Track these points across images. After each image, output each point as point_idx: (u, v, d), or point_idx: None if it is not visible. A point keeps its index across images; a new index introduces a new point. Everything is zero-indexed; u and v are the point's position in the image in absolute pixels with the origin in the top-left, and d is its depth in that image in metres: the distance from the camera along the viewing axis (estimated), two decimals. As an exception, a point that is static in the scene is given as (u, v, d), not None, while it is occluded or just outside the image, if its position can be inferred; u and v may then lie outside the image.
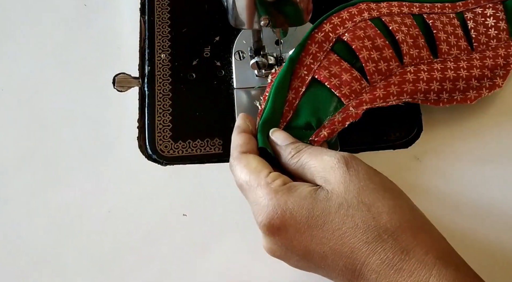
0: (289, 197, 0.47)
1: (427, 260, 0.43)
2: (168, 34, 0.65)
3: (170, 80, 0.63)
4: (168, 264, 0.56)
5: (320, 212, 0.46)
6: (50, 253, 0.57)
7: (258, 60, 0.60)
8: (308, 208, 0.46)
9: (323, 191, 0.46)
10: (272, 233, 0.47)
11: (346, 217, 0.45)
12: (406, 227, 0.44)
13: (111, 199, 0.58)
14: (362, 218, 0.45)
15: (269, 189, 0.47)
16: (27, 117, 0.62)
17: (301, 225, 0.46)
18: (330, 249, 0.45)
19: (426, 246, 0.43)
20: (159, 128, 0.61)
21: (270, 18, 0.53)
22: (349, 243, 0.44)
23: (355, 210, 0.45)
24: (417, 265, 0.43)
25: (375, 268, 0.43)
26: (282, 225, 0.46)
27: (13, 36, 0.66)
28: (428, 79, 0.57)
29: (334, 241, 0.45)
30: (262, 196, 0.48)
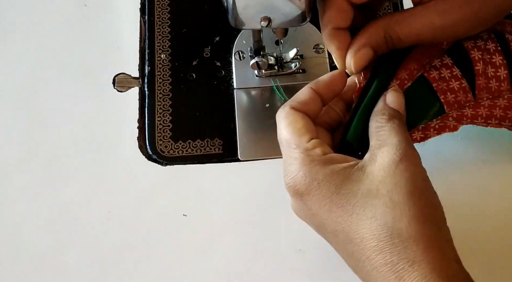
0: (322, 168, 0.46)
1: (430, 277, 0.42)
2: (168, 34, 0.65)
3: (170, 81, 0.63)
4: (168, 264, 0.56)
5: (346, 191, 0.45)
6: (50, 253, 0.56)
7: (258, 60, 0.60)
8: (336, 184, 0.45)
9: (359, 172, 0.45)
10: (295, 196, 0.47)
11: (369, 205, 0.44)
12: (421, 239, 0.43)
13: (111, 199, 0.58)
14: (382, 213, 0.43)
15: (306, 155, 0.47)
16: (27, 118, 0.62)
17: (324, 198, 0.45)
18: (342, 230, 0.45)
19: (433, 264, 0.42)
20: (159, 129, 0.61)
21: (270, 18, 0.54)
22: (361, 231, 0.44)
23: (380, 203, 0.44)
24: (418, 279, 0.42)
25: (377, 267, 0.43)
26: (306, 193, 0.46)
27: (13, 37, 0.66)
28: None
29: (349, 224, 0.44)
30: (296, 159, 0.47)
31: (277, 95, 0.62)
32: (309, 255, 0.55)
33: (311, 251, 0.56)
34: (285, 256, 0.56)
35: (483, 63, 0.53)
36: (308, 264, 0.55)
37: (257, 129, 0.61)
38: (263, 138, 0.61)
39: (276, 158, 0.60)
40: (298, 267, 0.55)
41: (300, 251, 0.56)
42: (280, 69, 0.62)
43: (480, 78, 0.53)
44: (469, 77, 0.53)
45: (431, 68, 0.53)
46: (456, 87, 0.52)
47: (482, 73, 0.53)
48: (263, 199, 0.58)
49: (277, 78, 0.62)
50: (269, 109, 0.62)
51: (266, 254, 0.56)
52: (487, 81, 0.53)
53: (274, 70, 0.62)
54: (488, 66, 0.53)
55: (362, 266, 0.44)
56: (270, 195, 0.58)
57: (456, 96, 0.52)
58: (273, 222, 0.57)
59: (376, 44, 0.51)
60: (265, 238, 0.56)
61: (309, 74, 0.63)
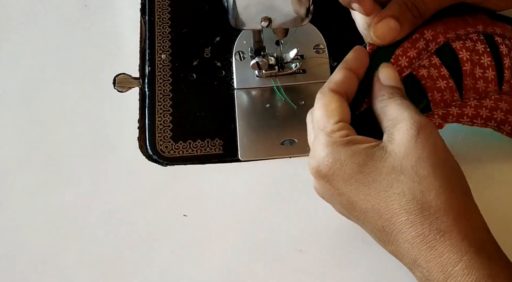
0: (344, 149, 0.47)
1: (461, 246, 0.43)
2: (169, 35, 0.65)
3: (170, 81, 0.63)
4: (169, 264, 0.56)
5: (371, 170, 0.46)
6: (51, 254, 0.57)
7: (258, 60, 0.60)
8: (359, 163, 0.46)
9: (381, 151, 0.46)
10: (319, 178, 0.48)
11: (396, 181, 0.45)
12: (450, 209, 0.44)
13: (111, 200, 0.58)
14: (410, 188, 0.44)
15: (329, 137, 0.48)
16: (28, 118, 0.62)
17: (349, 178, 0.46)
18: (372, 207, 0.46)
19: (463, 233, 0.43)
20: (160, 129, 0.61)
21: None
22: (391, 207, 0.45)
23: (407, 178, 0.45)
24: (450, 248, 0.43)
25: (409, 239, 0.44)
26: (330, 174, 0.47)
27: (13, 37, 0.66)
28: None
29: (378, 201, 0.45)
30: (320, 141, 0.48)
31: (277, 96, 0.62)
32: (309, 255, 0.55)
33: (311, 251, 0.56)
34: (285, 256, 0.56)
35: (471, 64, 0.53)
36: (308, 264, 0.55)
37: (258, 130, 0.61)
38: (263, 139, 0.61)
39: (276, 158, 0.60)
40: (298, 267, 0.55)
41: (300, 251, 0.56)
42: (281, 69, 0.62)
43: (467, 79, 0.53)
44: (457, 77, 0.53)
45: (420, 67, 0.53)
46: (443, 86, 0.53)
47: (470, 73, 0.53)
48: (263, 199, 0.58)
49: (277, 79, 0.62)
50: (270, 110, 0.62)
51: (266, 254, 0.56)
52: (475, 81, 0.54)
53: (275, 70, 0.62)
54: (476, 67, 0.54)
55: (393, 239, 0.45)
56: (270, 195, 0.58)
57: (443, 95, 0.53)
58: (273, 222, 0.57)
59: (398, 12, 0.52)
60: (265, 238, 0.56)
61: (309, 74, 0.63)
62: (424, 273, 0.44)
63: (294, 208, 0.57)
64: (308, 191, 0.58)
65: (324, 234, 0.56)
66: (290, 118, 0.61)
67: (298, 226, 0.57)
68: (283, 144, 0.60)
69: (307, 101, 0.62)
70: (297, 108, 0.61)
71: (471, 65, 0.53)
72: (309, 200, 0.58)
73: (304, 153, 0.60)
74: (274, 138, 0.61)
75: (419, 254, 0.44)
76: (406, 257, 0.45)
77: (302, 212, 0.57)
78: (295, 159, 0.60)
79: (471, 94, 0.54)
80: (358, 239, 0.56)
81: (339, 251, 0.56)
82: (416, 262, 0.44)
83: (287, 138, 0.60)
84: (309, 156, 0.49)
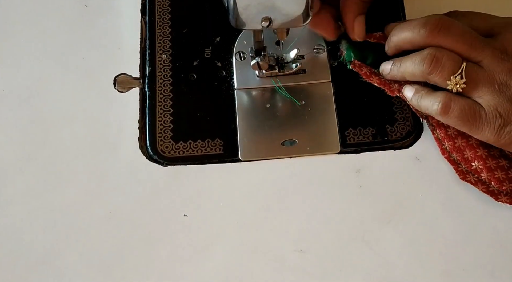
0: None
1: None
2: (169, 35, 0.65)
3: (171, 81, 0.64)
4: (169, 264, 0.56)
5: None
6: (51, 254, 0.57)
7: (258, 60, 0.60)
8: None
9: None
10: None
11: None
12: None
13: (112, 200, 0.59)
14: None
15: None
16: (28, 118, 0.62)
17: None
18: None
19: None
20: (160, 129, 0.61)
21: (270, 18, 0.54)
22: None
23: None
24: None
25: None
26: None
27: (14, 37, 0.66)
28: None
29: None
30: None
31: (278, 95, 0.62)
32: (309, 255, 0.56)
33: (311, 251, 0.56)
34: (285, 256, 0.56)
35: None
36: (308, 264, 0.55)
37: (258, 130, 0.61)
38: (264, 139, 0.61)
39: (276, 158, 0.60)
40: (298, 267, 0.55)
41: (300, 251, 0.56)
42: (281, 69, 0.62)
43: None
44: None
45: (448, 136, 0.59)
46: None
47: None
48: (264, 199, 0.58)
49: (278, 79, 0.62)
50: (270, 110, 0.62)
51: (266, 254, 0.56)
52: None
53: (275, 70, 0.62)
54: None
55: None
56: (270, 195, 0.58)
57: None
58: (273, 222, 0.57)
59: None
60: (265, 238, 0.56)
61: (309, 74, 0.63)
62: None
63: (294, 208, 0.57)
64: (308, 191, 0.58)
65: (324, 234, 0.56)
66: (290, 119, 0.61)
67: (298, 226, 0.57)
68: (284, 144, 0.60)
69: (307, 101, 0.62)
70: (297, 108, 0.61)
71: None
72: (309, 200, 0.58)
73: (304, 153, 0.60)
74: (274, 139, 0.61)
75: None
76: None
77: (302, 212, 0.57)
78: (295, 159, 0.60)
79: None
80: (358, 239, 0.56)
81: (339, 251, 0.56)
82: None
83: (287, 139, 0.61)
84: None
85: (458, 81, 0.54)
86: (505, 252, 0.55)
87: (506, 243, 0.56)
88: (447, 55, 0.55)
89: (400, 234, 0.56)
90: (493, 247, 0.56)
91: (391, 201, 0.57)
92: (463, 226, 0.56)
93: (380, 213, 0.57)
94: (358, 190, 0.58)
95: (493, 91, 0.54)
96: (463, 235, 0.56)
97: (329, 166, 0.59)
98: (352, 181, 0.58)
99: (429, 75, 0.55)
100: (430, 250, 0.55)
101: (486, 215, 0.57)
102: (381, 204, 0.57)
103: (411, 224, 0.56)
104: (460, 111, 0.54)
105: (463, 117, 0.55)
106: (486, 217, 0.57)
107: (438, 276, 0.55)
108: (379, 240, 0.56)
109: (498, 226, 0.56)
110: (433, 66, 0.55)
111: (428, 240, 0.56)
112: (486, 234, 0.56)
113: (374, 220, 0.57)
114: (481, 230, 0.56)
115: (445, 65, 0.54)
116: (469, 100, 0.55)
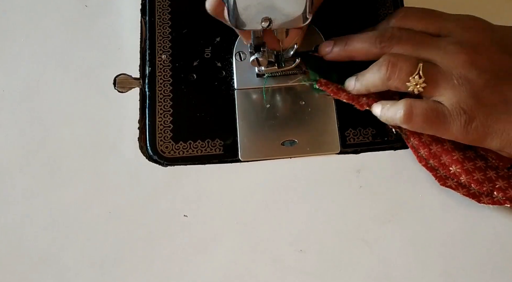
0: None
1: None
2: (169, 35, 0.65)
3: (171, 81, 0.63)
4: (169, 264, 0.56)
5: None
6: (51, 254, 0.57)
7: (258, 57, 0.60)
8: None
9: None
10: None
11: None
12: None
13: (112, 200, 0.59)
14: None
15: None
16: (28, 118, 0.62)
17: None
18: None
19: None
20: (160, 129, 0.61)
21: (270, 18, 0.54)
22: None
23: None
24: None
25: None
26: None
27: (14, 37, 0.66)
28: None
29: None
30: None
31: (278, 95, 0.62)
32: (309, 255, 0.56)
33: (311, 251, 0.56)
34: (285, 256, 0.56)
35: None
36: (308, 264, 0.55)
37: (258, 130, 0.61)
38: (264, 139, 0.61)
39: (276, 158, 0.60)
40: (298, 267, 0.55)
41: (300, 251, 0.56)
42: (280, 66, 0.62)
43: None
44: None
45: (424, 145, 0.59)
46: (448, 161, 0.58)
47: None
48: (264, 200, 0.58)
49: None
50: (270, 110, 0.62)
51: (266, 254, 0.56)
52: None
53: (274, 67, 0.62)
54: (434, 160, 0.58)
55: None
56: (270, 195, 0.58)
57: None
58: (273, 222, 0.57)
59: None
60: (265, 238, 0.56)
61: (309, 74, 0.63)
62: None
63: (294, 208, 0.57)
64: (308, 191, 0.58)
65: (324, 234, 0.56)
66: (290, 119, 0.61)
67: (298, 226, 0.57)
68: (284, 144, 0.60)
69: (307, 101, 0.62)
70: (297, 109, 0.61)
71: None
72: (309, 200, 0.58)
73: (304, 153, 0.60)
74: (274, 139, 0.61)
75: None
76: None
77: (302, 212, 0.57)
78: (295, 159, 0.60)
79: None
80: (358, 239, 0.56)
81: (339, 251, 0.56)
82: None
83: (287, 139, 0.61)
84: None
85: (418, 81, 0.54)
86: (505, 252, 0.55)
87: (506, 243, 0.56)
88: (402, 58, 0.55)
89: (400, 234, 0.56)
90: (493, 247, 0.56)
91: (391, 201, 0.57)
92: (463, 226, 0.56)
93: (380, 213, 0.57)
94: (358, 190, 0.58)
95: (453, 86, 0.54)
96: (462, 235, 0.56)
97: (329, 166, 0.59)
98: (352, 181, 0.58)
99: (389, 81, 0.56)
100: (430, 250, 0.56)
101: (486, 215, 0.57)
102: (381, 204, 0.57)
103: (411, 224, 0.56)
104: (423, 115, 0.55)
105: (427, 120, 0.55)
106: (486, 217, 0.57)
107: (438, 276, 0.55)
108: (379, 240, 0.56)
109: (498, 226, 0.56)
110: (391, 71, 0.55)
111: (428, 240, 0.56)
112: (486, 234, 0.56)
113: (374, 220, 0.57)
114: (481, 230, 0.56)
115: (402, 68, 0.55)
116: (430, 102, 0.55)
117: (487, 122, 0.53)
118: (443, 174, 0.57)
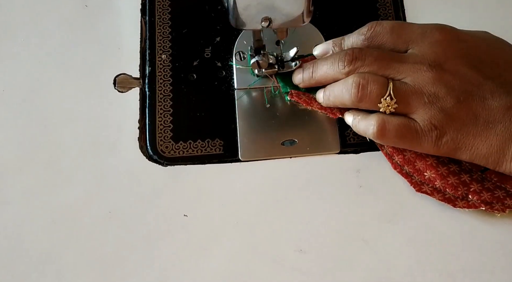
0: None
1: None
2: (169, 35, 0.65)
3: (171, 81, 0.64)
4: (169, 264, 0.56)
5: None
6: (51, 254, 0.57)
7: (258, 59, 0.60)
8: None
9: None
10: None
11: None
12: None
13: (112, 200, 0.59)
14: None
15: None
16: (28, 118, 0.62)
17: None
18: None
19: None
20: (160, 129, 0.61)
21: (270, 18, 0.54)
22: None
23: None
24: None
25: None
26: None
27: (14, 37, 0.66)
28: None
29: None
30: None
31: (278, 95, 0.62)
32: (309, 255, 0.56)
33: (311, 251, 0.56)
34: (285, 256, 0.56)
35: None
36: (308, 264, 0.55)
37: (258, 130, 0.61)
38: (264, 139, 0.61)
39: (276, 158, 0.60)
40: (298, 267, 0.55)
41: (300, 251, 0.56)
42: (281, 68, 0.62)
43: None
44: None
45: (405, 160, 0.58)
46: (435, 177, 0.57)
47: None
48: (264, 199, 0.58)
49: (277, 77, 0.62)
50: (270, 110, 0.62)
51: (266, 254, 0.56)
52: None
53: (275, 69, 0.62)
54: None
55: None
56: (270, 195, 0.58)
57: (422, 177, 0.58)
58: (273, 222, 0.57)
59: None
60: (265, 238, 0.56)
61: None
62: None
63: (294, 208, 0.57)
64: (308, 191, 0.58)
65: (324, 234, 0.56)
66: (290, 119, 0.61)
67: (298, 226, 0.57)
68: (283, 144, 0.60)
69: (307, 102, 0.62)
70: (297, 108, 0.61)
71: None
72: (309, 200, 0.58)
73: (304, 153, 0.60)
74: (274, 139, 0.61)
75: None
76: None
77: (302, 212, 0.57)
78: (295, 159, 0.60)
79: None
80: (358, 239, 0.56)
81: (339, 251, 0.56)
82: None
83: (287, 139, 0.61)
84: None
85: (390, 103, 0.54)
86: (505, 252, 0.55)
87: (506, 243, 0.56)
88: (371, 80, 0.55)
89: (400, 234, 0.56)
90: (493, 247, 0.55)
91: (391, 201, 0.57)
92: (463, 225, 0.56)
93: (380, 213, 0.57)
94: (358, 190, 0.58)
95: (424, 104, 0.54)
96: (463, 235, 0.56)
97: (329, 166, 0.59)
98: (352, 181, 0.58)
99: (360, 103, 0.56)
100: (430, 250, 0.55)
101: (486, 215, 0.57)
102: (381, 204, 0.57)
103: (411, 224, 0.56)
104: (395, 131, 0.55)
105: (400, 136, 0.55)
106: (486, 217, 0.57)
107: (438, 276, 0.55)
108: (379, 240, 0.56)
109: (498, 226, 0.56)
110: (361, 94, 0.55)
111: (428, 240, 0.56)
112: (486, 234, 0.56)
113: (374, 220, 0.57)
114: (481, 230, 0.56)
115: (372, 91, 0.55)
116: (402, 118, 0.55)
117: (457, 137, 0.54)
118: (418, 180, 0.57)
